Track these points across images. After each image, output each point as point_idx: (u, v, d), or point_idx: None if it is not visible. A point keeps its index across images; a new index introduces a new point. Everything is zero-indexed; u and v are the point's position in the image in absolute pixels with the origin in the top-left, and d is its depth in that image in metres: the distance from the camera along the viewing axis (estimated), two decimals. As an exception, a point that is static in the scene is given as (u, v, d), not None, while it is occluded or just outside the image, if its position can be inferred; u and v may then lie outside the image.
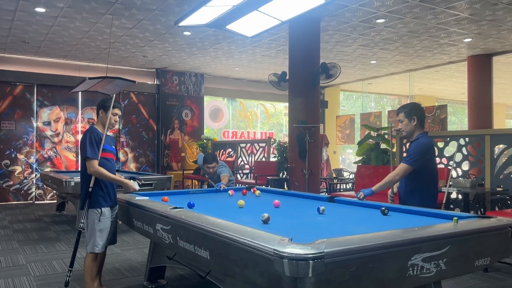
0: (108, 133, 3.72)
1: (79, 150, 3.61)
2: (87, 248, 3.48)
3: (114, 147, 3.75)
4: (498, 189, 5.57)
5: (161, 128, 11.71)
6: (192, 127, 12.17)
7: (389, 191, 3.82)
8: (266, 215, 2.60)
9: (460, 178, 5.83)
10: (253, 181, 8.51)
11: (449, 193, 5.74)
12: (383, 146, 7.75)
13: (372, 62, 10.72)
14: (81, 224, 3.51)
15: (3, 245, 5.68)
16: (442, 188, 5.22)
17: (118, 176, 3.61)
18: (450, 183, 5.17)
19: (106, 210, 3.51)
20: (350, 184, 8.78)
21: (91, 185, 3.47)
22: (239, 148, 10.66)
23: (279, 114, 14.74)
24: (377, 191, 3.56)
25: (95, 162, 3.44)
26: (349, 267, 1.83)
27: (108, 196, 3.56)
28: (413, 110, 3.59)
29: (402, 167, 3.49)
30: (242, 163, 10.54)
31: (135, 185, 3.73)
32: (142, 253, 5.19)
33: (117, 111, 3.62)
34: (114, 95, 3.62)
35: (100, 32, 8.03)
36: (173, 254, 3.27)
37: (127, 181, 3.65)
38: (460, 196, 6.05)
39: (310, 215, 3.10)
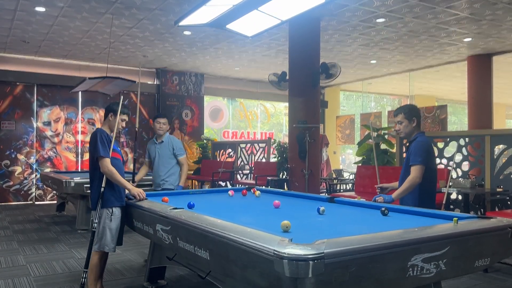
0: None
1: (89, 151, 3.61)
2: (95, 247, 3.49)
3: (119, 149, 3.78)
4: (498, 189, 5.58)
5: (161, 128, 11.68)
6: (192, 127, 12.17)
7: (376, 185, 3.84)
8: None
9: (460, 179, 5.83)
10: (253, 182, 8.51)
11: (449, 194, 5.74)
12: (383, 146, 7.75)
13: (372, 62, 10.71)
14: (95, 224, 3.51)
15: (3, 245, 5.68)
16: (442, 188, 5.22)
17: (127, 182, 3.57)
18: (450, 183, 5.16)
19: (116, 210, 3.54)
20: (350, 185, 8.78)
21: (103, 184, 3.48)
22: (239, 148, 10.66)
23: (279, 114, 14.73)
24: (397, 198, 3.53)
25: (108, 161, 3.46)
26: (349, 268, 1.83)
27: (119, 196, 3.58)
28: (412, 112, 3.66)
29: (416, 168, 3.44)
30: (242, 163, 10.54)
31: (143, 193, 3.61)
32: (142, 253, 5.19)
33: (125, 116, 3.69)
34: (122, 99, 3.68)
35: (100, 31, 8.02)
36: (173, 255, 3.27)
37: (135, 189, 3.58)
38: (460, 197, 6.05)
39: (310, 216, 3.10)
